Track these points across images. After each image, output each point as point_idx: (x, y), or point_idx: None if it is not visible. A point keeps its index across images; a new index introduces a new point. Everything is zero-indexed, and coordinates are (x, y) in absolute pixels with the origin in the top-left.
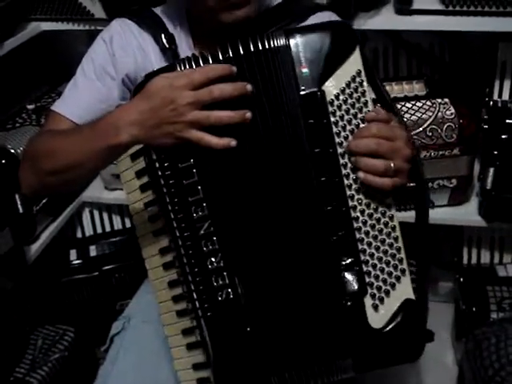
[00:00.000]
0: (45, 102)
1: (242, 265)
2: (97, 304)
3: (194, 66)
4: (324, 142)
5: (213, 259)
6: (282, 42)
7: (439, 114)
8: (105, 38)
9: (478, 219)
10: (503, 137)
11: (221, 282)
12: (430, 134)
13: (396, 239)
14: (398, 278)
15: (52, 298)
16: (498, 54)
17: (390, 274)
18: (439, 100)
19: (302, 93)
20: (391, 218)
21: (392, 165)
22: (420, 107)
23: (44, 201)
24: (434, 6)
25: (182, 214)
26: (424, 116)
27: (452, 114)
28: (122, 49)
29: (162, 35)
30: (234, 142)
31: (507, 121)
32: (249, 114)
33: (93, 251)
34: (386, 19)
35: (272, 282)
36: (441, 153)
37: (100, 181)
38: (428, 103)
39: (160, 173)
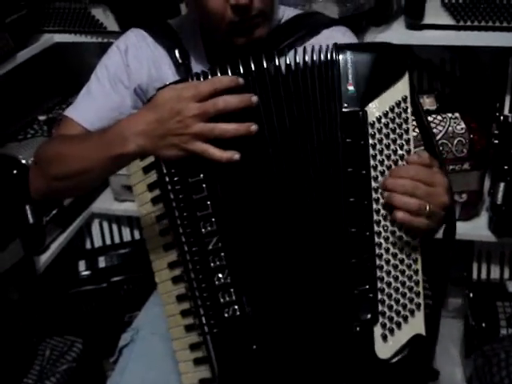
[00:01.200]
0: (56, 113)
1: (249, 282)
2: (105, 315)
3: None
4: (358, 163)
5: (220, 275)
6: (329, 56)
7: (450, 128)
8: (120, 47)
9: (488, 234)
10: None
11: (227, 299)
12: (441, 148)
13: (416, 272)
14: (412, 312)
15: (60, 309)
16: (508, 69)
17: (404, 306)
18: (450, 115)
19: (344, 110)
20: (415, 248)
21: (427, 207)
22: (431, 122)
23: (54, 212)
24: (445, 21)
25: (190, 228)
26: (434, 130)
27: (462, 128)
28: (137, 59)
29: (176, 50)
30: (237, 156)
31: None
32: (254, 127)
33: (102, 262)
34: (396, 34)
35: (280, 301)
36: (451, 167)
37: (110, 192)
38: (439, 118)
39: (170, 187)
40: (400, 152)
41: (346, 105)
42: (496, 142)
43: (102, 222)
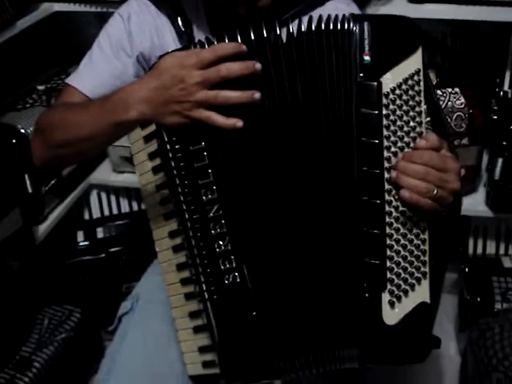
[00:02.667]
0: (55, 83)
1: (250, 249)
2: (103, 286)
3: None
4: (372, 132)
5: (221, 242)
6: (346, 25)
7: (449, 103)
8: (123, 15)
9: (485, 209)
10: None
11: (228, 266)
12: None
13: (424, 241)
14: (418, 280)
15: (59, 279)
16: (509, 45)
17: (411, 274)
18: (449, 89)
19: (359, 80)
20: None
21: (435, 191)
22: None
23: (53, 182)
24: None
25: (191, 196)
26: None
27: (462, 103)
28: (139, 28)
29: (179, 18)
30: (240, 123)
31: None
32: (257, 95)
33: (100, 233)
34: (398, 7)
35: (282, 268)
36: None
37: (108, 163)
38: (438, 92)
39: (171, 155)
40: (412, 124)
41: (361, 74)
42: (495, 117)
43: (101, 193)
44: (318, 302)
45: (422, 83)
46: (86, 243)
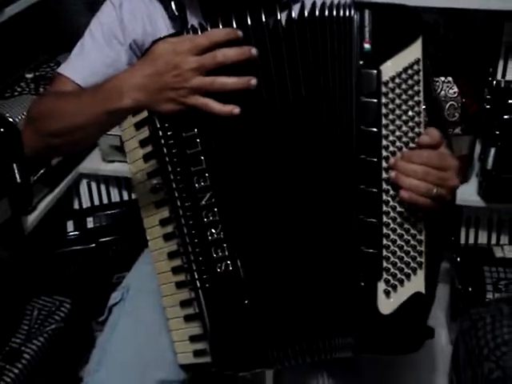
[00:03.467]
0: (43, 71)
1: (242, 237)
2: (93, 276)
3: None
4: (371, 121)
5: (213, 230)
6: (347, 13)
7: (442, 92)
8: (114, 2)
9: (477, 199)
10: (505, 117)
11: (220, 254)
12: None
13: (420, 231)
14: (414, 270)
15: (48, 269)
16: (502, 34)
17: (407, 264)
18: (442, 78)
19: (359, 67)
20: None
21: (435, 190)
22: None
23: (42, 171)
24: None
25: (183, 183)
26: None
27: (455, 92)
28: (132, 14)
29: (172, 2)
30: (237, 110)
31: (510, 101)
32: (254, 81)
33: (90, 223)
34: None
35: (275, 256)
36: None
37: (98, 152)
38: None
39: (163, 141)
40: (411, 113)
41: (361, 62)
42: (488, 107)
43: (91, 182)
44: (313, 290)
45: (421, 73)
46: (76, 233)
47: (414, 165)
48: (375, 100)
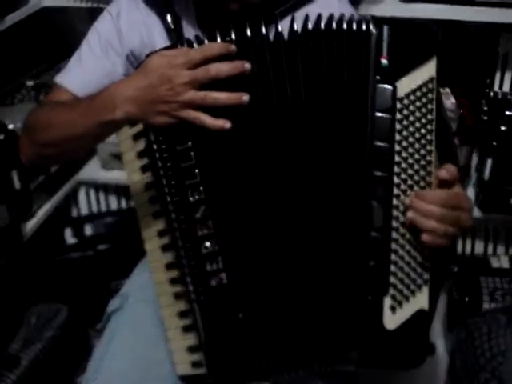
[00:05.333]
0: (44, 78)
1: (237, 250)
2: (91, 283)
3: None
4: (384, 137)
5: (207, 244)
6: (365, 27)
7: None
8: (112, 13)
9: (474, 210)
10: (502, 128)
11: (215, 267)
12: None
13: (428, 249)
14: (419, 287)
15: (46, 276)
16: (499, 46)
17: (414, 280)
18: (440, 89)
19: (374, 82)
20: None
21: (451, 230)
22: None
23: (41, 178)
24: None
25: (178, 197)
26: None
27: (452, 103)
28: (129, 25)
29: (168, 15)
30: (228, 125)
31: (507, 112)
32: (246, 97)
33: (88, 230)
34: (389, 6)
35: (271, 270)
36: None
37: (97, 160)
38: None
39: (158, 155)
40: (423, 131)
41: (378, 77)
42: (485, 118)
43: (89, 190)
44: (313, 303)
45: (434, 92)
46: (74, 240)
47: (432, 205)
48: (390, 116)
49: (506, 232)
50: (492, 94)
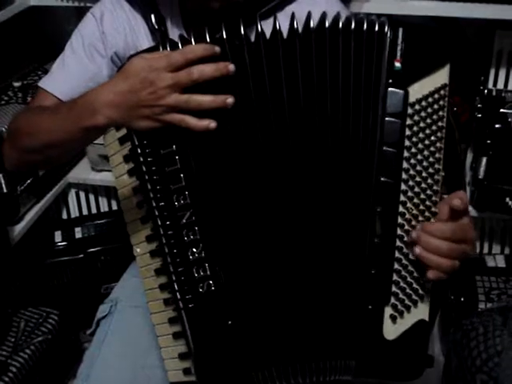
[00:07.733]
0: (31, 79)
1: (224, 256)
2: (81, 287)
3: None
4: (393, 142)
5: (194, 250)
6: (379, 28)
7: None
8: (95, 15)
9: (469, 209)
10: (497, 126)
11: (202, 274)
12: None
13: None
14: (421, 297)
15: (36, 280)
16: (494, 43)
17: (415, 290)
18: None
19: (386, 85)
20: None
21: (457, 264)
22: None
23: (29, 181)
24: None
25: (163, 201)
26: None
27: None
28: (113, 26)
29: (152, 16)
30: (213, 124)
31: (501, 110)
32: (230, 100)
33: (78, 233)
34: (381, 3)
35: (260, 276)
36: None
37: (87, 162)
38: None
39: (142, 159)
40: (433, 138)
41: (390, 81)
42: (479, 115)
43: (79, 191)
44: (305, 311)
45: (446, 99)
46: (64, 243)
47: (438, 240)
48: (400, 121)
49: (501, 231)
50: (486, 91)
